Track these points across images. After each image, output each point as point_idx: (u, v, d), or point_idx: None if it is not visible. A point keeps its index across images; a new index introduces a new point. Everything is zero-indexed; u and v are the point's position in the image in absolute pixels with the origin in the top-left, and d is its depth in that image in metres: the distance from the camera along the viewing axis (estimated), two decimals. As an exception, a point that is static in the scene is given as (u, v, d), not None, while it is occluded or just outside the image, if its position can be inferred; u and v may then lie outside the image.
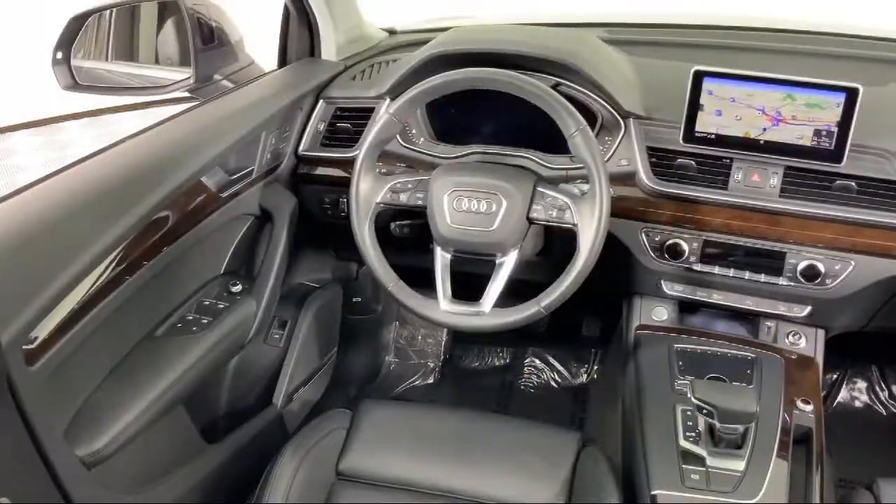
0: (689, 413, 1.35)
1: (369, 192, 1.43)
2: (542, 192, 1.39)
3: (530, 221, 1.39)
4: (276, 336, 1.80)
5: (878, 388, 2.20)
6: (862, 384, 2.22)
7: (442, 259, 1.43)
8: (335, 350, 2.07)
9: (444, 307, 1.40)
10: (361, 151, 1.42)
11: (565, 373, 2.31)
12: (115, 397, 1.26)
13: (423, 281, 1.46)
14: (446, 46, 1.53)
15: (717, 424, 1.26)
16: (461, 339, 2.39)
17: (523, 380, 2.31)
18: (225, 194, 1.49)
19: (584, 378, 2.29)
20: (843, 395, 2.20)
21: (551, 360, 2.33)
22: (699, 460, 1.28)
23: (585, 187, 1.40)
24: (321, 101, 1.70)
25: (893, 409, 2.18)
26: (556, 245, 1.62)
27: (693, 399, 1.25)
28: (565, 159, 1.51)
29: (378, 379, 2.30)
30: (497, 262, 1.41)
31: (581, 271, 1.33)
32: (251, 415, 1.68)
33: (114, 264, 1.23)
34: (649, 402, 1.42)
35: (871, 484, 1.35)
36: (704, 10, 1.91)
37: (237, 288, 1.54)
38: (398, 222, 1.62)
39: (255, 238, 1.65)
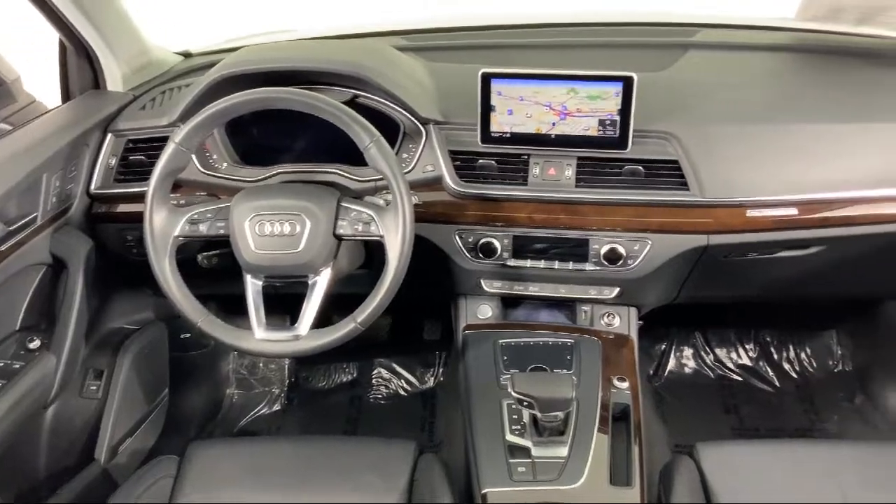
0: (514, 406, 1.37)
1: (165, 227, 1.36)
2: (347, 206, 1.37)
3: (338, 238, 1.37)
4: (93, 387, 1.69)
5: (703, 353, 2.34)
6: (688, 351, 2.35)
7: (253, 287, 1.39)
8: (166, 392, 1.97)
9: (259, 336, 1.36)
10: (150, 185, 1.35)
11: (412, 379, 2.31)
12: None
13: (245, 308, 1.42)
14: (233, 67, 1.49)
15: (539, 414, 1.29)
16: (305, 360, 2.34)
17: (372, 392, 2.30)
18: (5, 246, 1.37)
19: (431, 382, 2.31)
20: (672, 363, 2.32)
21: (398, 368, 2.32)
22: (525, 452, 1.31)
23: (391, 197, 1.40)
24: (109, 135, 1.61)
25: (720, 371, 2.32)
26: (377, 256, 1.61)
27: (513, 393, 1.28)
28: (373, 171, 1.51)
29: (220, 414, 2.21)
30: (310, 282, 1.38)
31: (393, 282, 1.33)
32: (71, 475, 1.57)
33: None
34: (477, 400, 1.45)
35: (691, 449, 1.42)
36: (497, 11, 1.95)
37: (35, 344, 1.43)
38: (206, 253, 1.56)
39: (53, 288, 1.54)
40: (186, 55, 1.94)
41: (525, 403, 1.29)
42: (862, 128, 1.52)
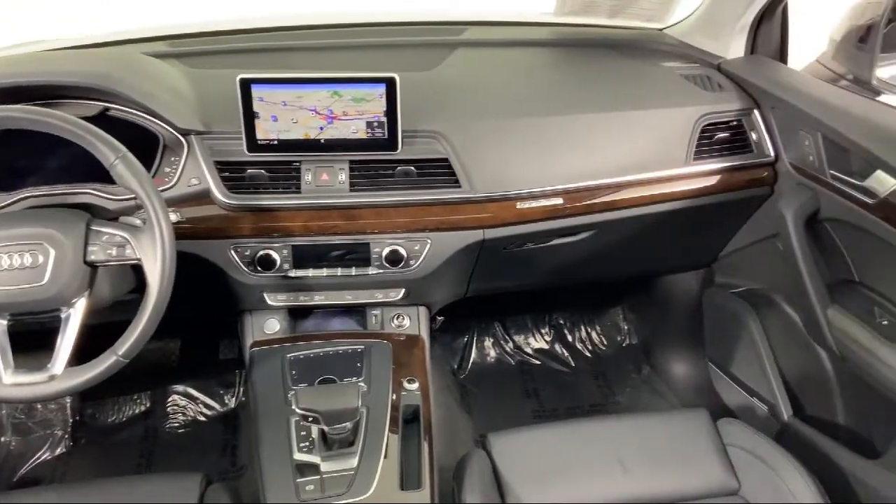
0: (301, 423, 1.33)
1: None
2: (98, 230, 1.26)
3: (90, 265, 1.26)
4: None
5: (502, 342, 2.41)
6: (489, 341, 2.41)
7: None
8: None
9: (8, 380, 1.22)
10: None
11: (212, 402, 2.20)
12: None
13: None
14: None
15: (326, 428, 1.26)
16: (89, 395, 2.16)
17: (168, 422, 2.16)
18: None
19: (232, 403, 2.20)
20: (474, 355, 2.37)
21: (194, 392, 2.20)
22: (314, 469, 1.27)
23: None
24: None
25: (519, 358, 2.40)
26: None
27: (297, 410, 1.24)
28: None
29: None
30: (63, 316, 1.26)
31: (155, 308, 1.23)
32: None
33: None
34: (264, 420, 1.39)
35: (483, 440, 1.44)
36: (263, 13, 1.89)
37: None
38: None
39: None
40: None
41: (310, 419, 1.26)
42: (617, 116, 1.60)
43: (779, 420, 1.78)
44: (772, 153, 1.66)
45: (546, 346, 2.42)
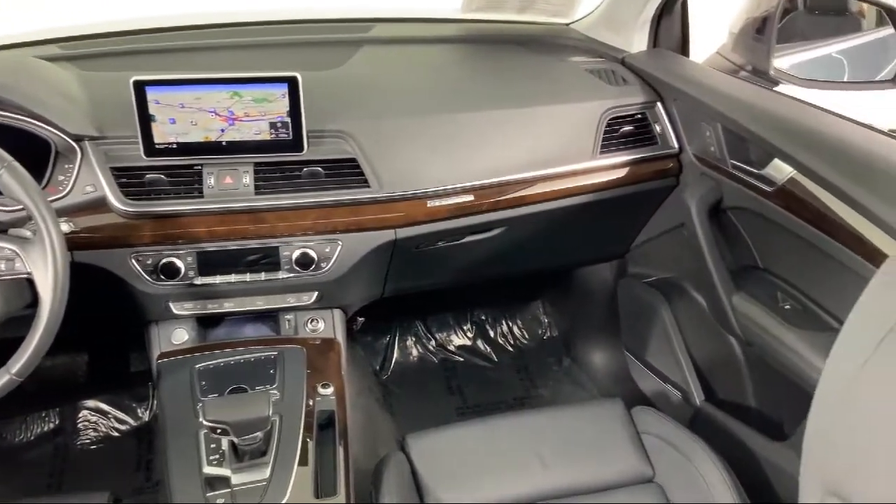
0: (211, 436, 1.29)
1: None
2: None
3: None
4: None
5: (424, 340, 2.40)
6: (411, 340, 2.40)
7: None
8: None
9: None
10: None
11: (124, 417, 2.12)
12: None
13: None
14: None
15: (236, 440, 1.22)
16: None
17: (79, 438, 2.07)
18: None
19: (146, 416, 2.13)
20: (396, 355, 2.35)
21: (105, 407, 2.12)
22: (224, 482, 1.23)
23: None
24: None
25: (442, 355, 2.39)
26: None
27: (205, 422, 1.20)
28: None
29: None
30: None
31: (49, 324, 1.17)
32: None
33: None
34: (172, 433, 1.34)
35: (402, 442, 1.43)
36: (163, 13, 1.82)
37: None
38: None
39: None
40: None
41: (219, 430, 1.22)
42: (524, 112, 1.61)
43: (691, 405, 1.83)
44: (675, 145, 1.69)
45: (468, 343, 2.42)
